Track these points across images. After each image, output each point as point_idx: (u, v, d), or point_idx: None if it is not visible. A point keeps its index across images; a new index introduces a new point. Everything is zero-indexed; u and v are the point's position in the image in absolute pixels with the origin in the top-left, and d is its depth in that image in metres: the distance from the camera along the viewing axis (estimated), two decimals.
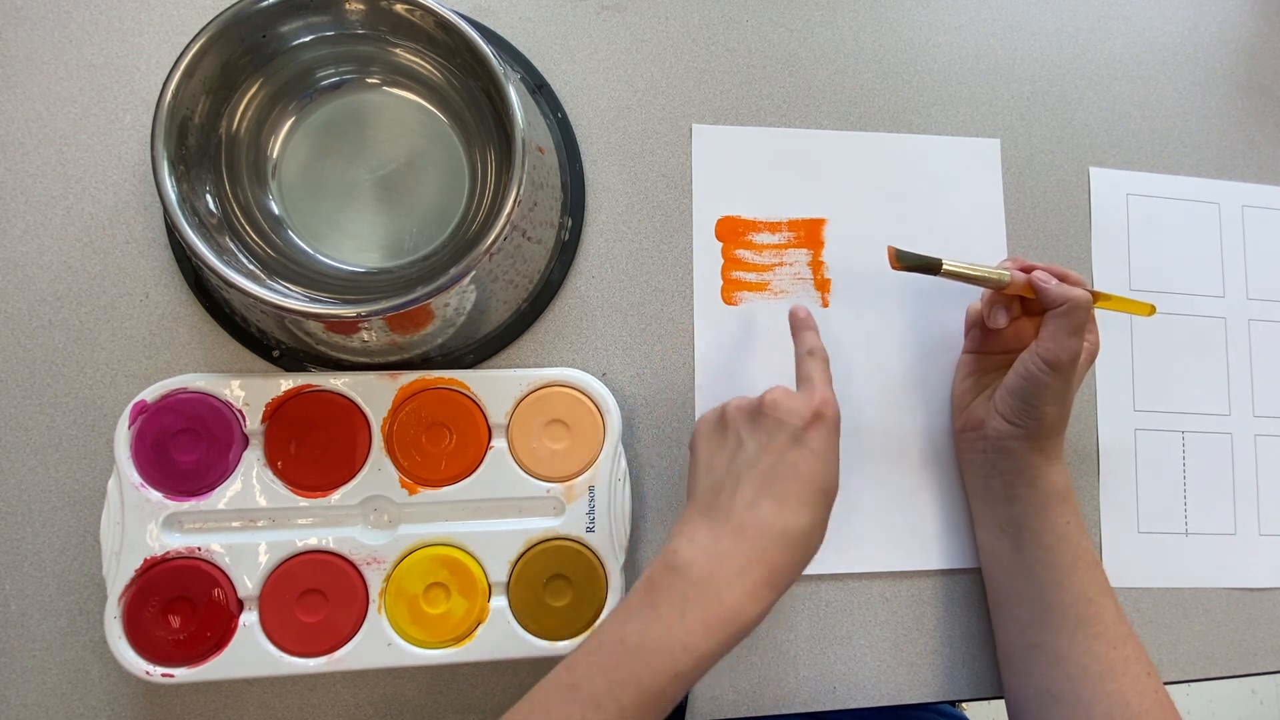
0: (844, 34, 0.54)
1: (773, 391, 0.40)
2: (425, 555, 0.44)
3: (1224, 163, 0.57)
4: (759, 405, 0.40)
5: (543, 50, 0.51)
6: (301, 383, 0.44)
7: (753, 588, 0.36)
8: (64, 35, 0.47)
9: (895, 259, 0.45)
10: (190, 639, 0.42)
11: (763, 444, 0.39)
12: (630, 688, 0.34)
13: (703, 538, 0.37)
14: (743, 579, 0.36)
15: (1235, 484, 0.54)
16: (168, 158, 0.39)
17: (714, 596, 0.35)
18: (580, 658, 0.36)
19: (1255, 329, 0.55)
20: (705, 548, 0.37)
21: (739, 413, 0.40)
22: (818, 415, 0.39)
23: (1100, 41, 0.57)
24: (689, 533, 0.38)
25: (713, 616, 0.35)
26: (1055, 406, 0.43)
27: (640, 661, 0.35)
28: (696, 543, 0.37)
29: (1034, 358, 0.43)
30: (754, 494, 0.38)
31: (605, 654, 0.36)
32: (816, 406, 0.39)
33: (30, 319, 0.46)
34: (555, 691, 0.36)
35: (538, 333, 0.49)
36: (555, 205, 0.47)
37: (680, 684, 0.35)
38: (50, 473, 0.45)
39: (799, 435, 0.38)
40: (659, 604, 0.36)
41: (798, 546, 0.37)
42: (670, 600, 0.36)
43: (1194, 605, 0.52)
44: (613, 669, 0.35)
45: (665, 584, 0.36)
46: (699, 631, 0.35)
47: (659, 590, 0.36)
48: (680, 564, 0.36)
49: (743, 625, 0.36)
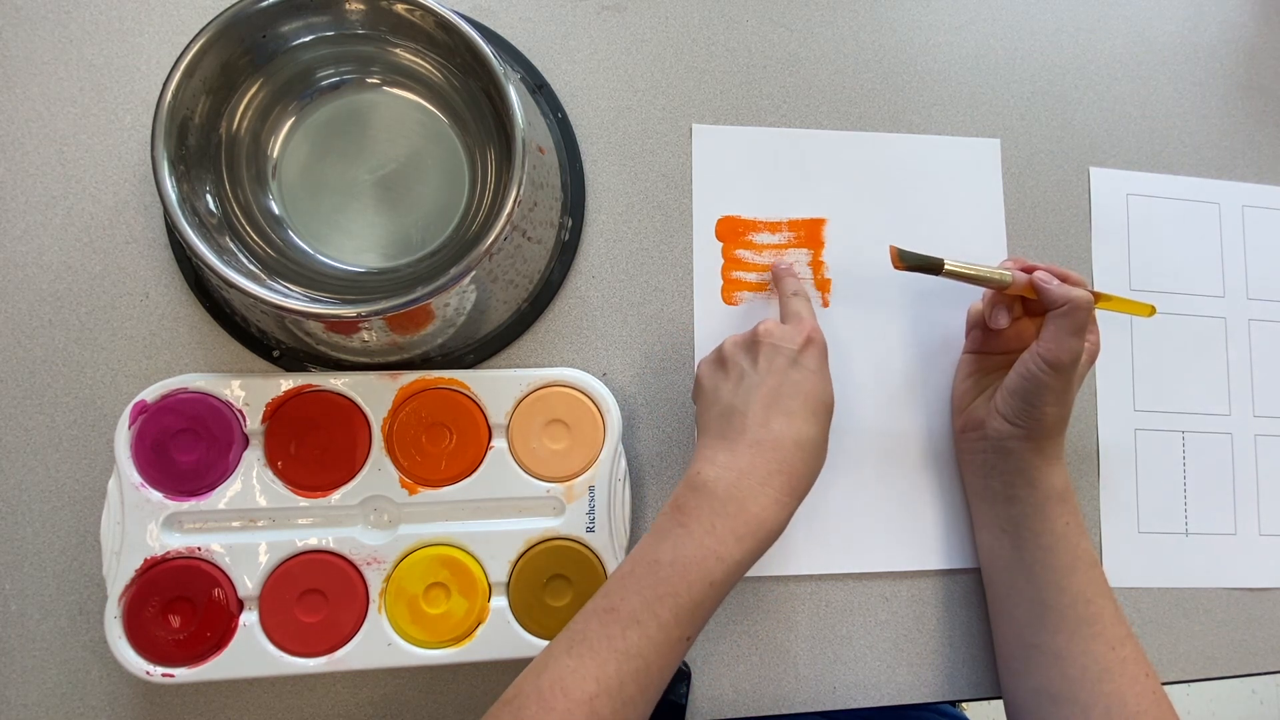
0: (844, 34, 0.54)
1: (764, 323, 0.43)
2: (425, 555, 0.44)
3: (1224, 163, 0.57)
4: (754, 336, 0.43)
5: (543, 50, 0.51)
6: (301, 383, 0.44)
7: (776, 495, 0.38)
8: (64, 35, 0.47)
9: (897, 259, 0.45)
10: (190, 639, 0.42)
11: (764, 369, 0.41)
12: (668, 602, 0.36)
13: (723, 458, 0.39)
14: (765, 488, 0.38)
15: (1235, 484, 0.54)
16: (168, 158, 0.39)
17: (740, 507, 0.38)
18: (615, 584, 0.38)
19: (1255, 329, 0.55)
20: (726, 465, 0.39)
21: (736, 346, 0.43)
22: (809, 340, 0.42)
23: (1100, 41, 0.57)
24: (708, 456, 0.40)
25: (741, 525, 0.37)
26: (1055, 407, 0.44)
27: (676, 576, 0.36)
28: (717, 463, 0.39)
29: (1035, 358, 0.43)
30: (765, 412, 0.40)
31: (639, 575, 0.37)
32: (808, 332, 0.42)
33: (30, 319, 0.46)
34: (594, 618, 0.37)
35: (538, 333, 0.49)
36: (555, 205, 0.47)
37: (716, 592, 0.37)
38: (50, 473, 0.45)
39: (795, 358, 0.41)
40: (688, 522, 0.38)
41: (810, 455, 0.40)
42: (699, 517, 0.38)
43: (1194, 605, 0.52)
44: (649, 587, 0.36)
45: (692, 503, 0.38)
46: (730, 540, 0.37)
47: (687, 510, 0.38)
48: (704, 483, 0.38)
49: (770, 531, 0.38)
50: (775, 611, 0.49)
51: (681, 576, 0.36)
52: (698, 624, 0.37)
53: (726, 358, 0.43)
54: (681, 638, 0.36)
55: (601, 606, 0.37)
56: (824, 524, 0.49)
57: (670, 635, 0.36)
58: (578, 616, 0.37)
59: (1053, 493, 0.44)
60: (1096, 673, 0.42)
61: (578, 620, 0.37)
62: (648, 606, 0.36)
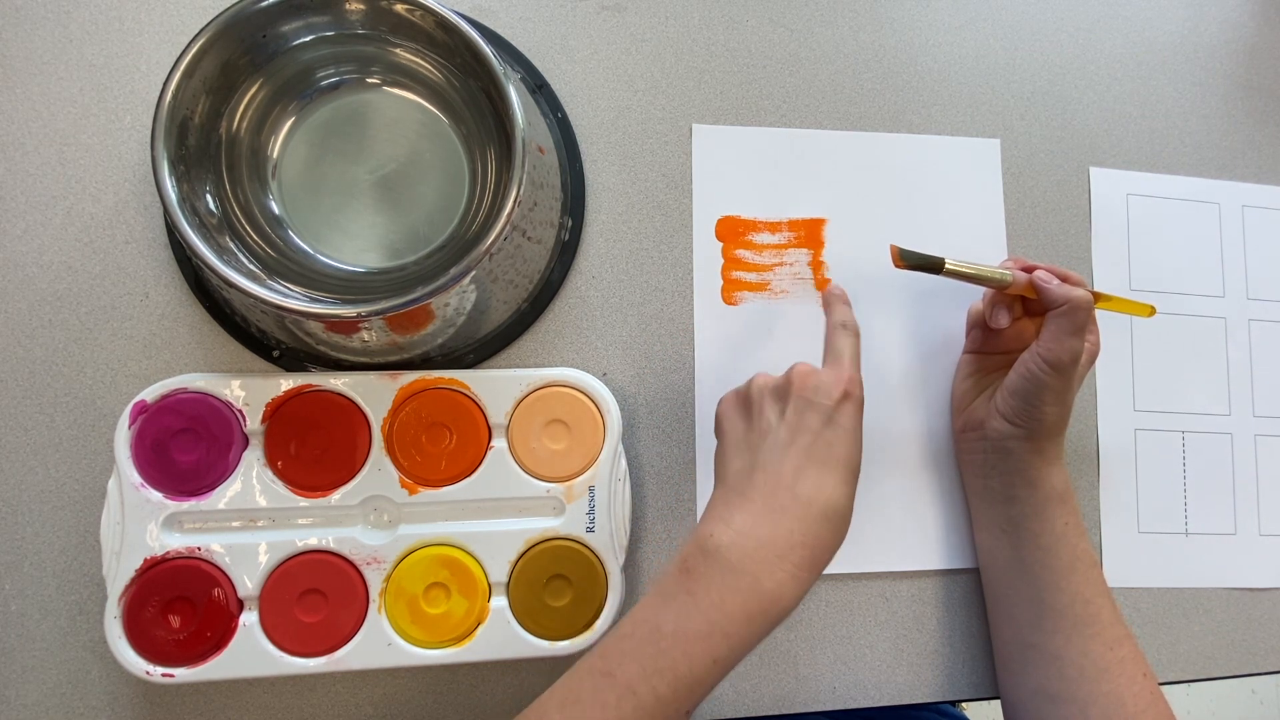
0: (844, 34, 0.54)
1: (799, 367, 0.39)
2: (425, 555, 0.44)
3: (1224, 163, 0.57)
4: (787, 382, 0.39)
5: (543, 50, 0.51)
6: (301, 383, 0.44)
7: (793, 571, 0.35)
8: (64, 35, 0.47)
9: (898, 258, 0.45)
10: (190, 639, 0.42)
11: (795, 425, 0.38)
12: (667, 675, 0.34)
13: (740, 520, 0.36)
14: (783, 562, 0.35)
15: (1235, 484, 0.54)
16: (168, 158, 0.39)
17: (754, 582, 0.34)
18: (614, 644, 0.35)
19: (1255, 329, 0.55)
20: (743, 530, 0.36)
21: (765, 392, 0.40)
22: (847, 394, 0.38)
23: (1100, 41, 0.57)
24: (724, 514, 0.37)
25: (753, 603, 0.34)
26: (1056, 407, 0.43)
27: (678, 649, 0.34)
28: (733, 525, 0.36)
29: (1035, 358, 0.43)
30: (793, 475, 0.37)
31: (640, 640, 0.35)
32: (845, 384, 0.38)
33: (30, 319, 0.46)
34: (588, 678, 0.35)
35: (538, 333, 0.49)
36: (555, 205, 0.47)
37: (719, 670, 0.34)
38: (50, 473, 0.45)
39: (831, 415, 0.38)
40: (696, 590, 0.35)
41: (837, 527, 0.37)
42: (708, 587, 0.35)
43: (1194, 605, 0.52)
44: (649, 657, 0.34)
45: (702, 569, 0.35)
46: (739, 619, 0.34)
47: (695, 575, 0.35)
48: (717, 547, 0.35)
49: (783, 610, 0.35)
50: None
51: (684, 650, 0.34)
52: (697, 699, 0.34)
53: (753, 402, 0.40)
54: (679, 713, 0.34)
55: (598, 668, 0.35)
56: None
57: (667, 710, 0.34)
58: (572, 671, 0.35)
59: (1052, 493, 0.44)
60: (1095, 673, 0.42)
61: (572, 676, 0.35)
62: (645, 678, 0.34)
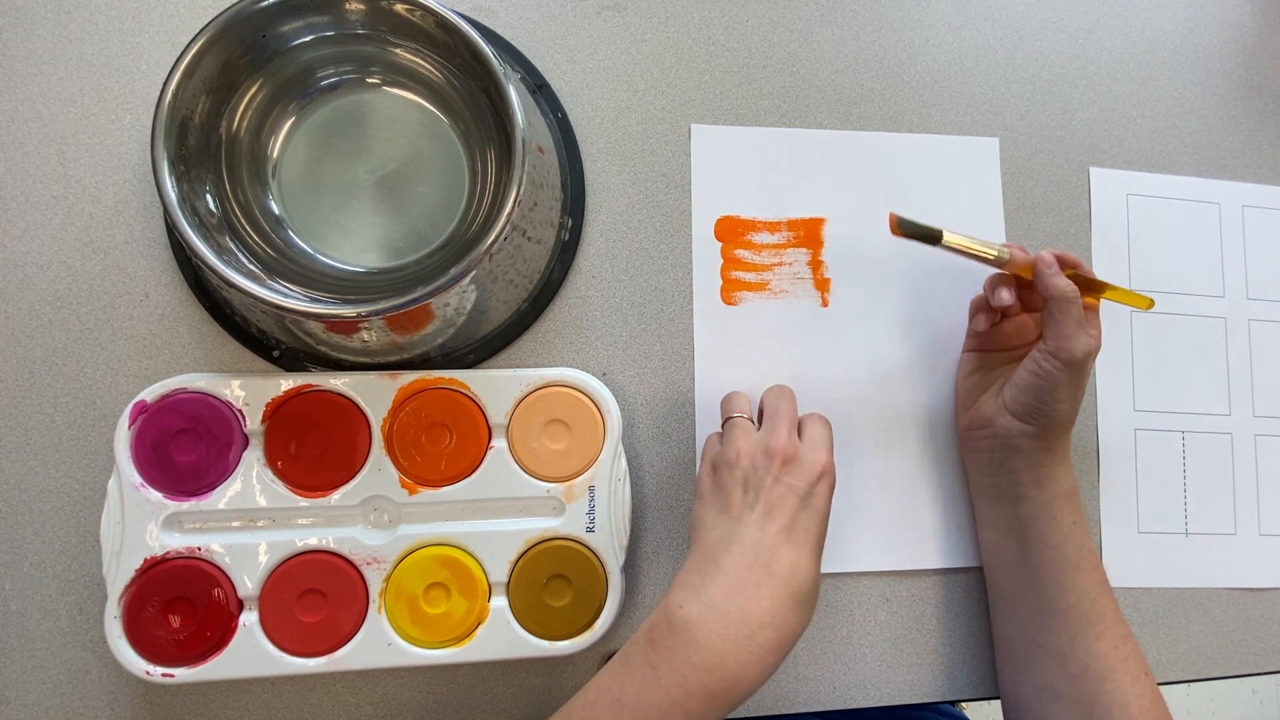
0: (844, 34, 0.54)
1: (779, 442, 0.40)
2: (425, 555, 0.44)
3: (1224, 163, 0.57)
4: (767, 457, 0.40)
5: (543, 50, 0.51)
6: (301, 383, 0.44)
7: (760, 653, 0.35)
8: (64, 35, 0.47)
9: (897, 226, 0.44)
10: (190, 639, 0.42)
11: (773, 504, 0.38)
12: None
13: (711, 591, 0.36)
14: (749, 644, 0.35)
15: (1235, 484, 0.54)
16: (168, 158, 0.39)
17: (718, 661, 0.34)
18: (577, 711, 0.35)
19: (1255, 329, 0.55)
20: (712, 604, 0.36)
21: (745, 462, 0.40)
22: (821, 476, 0.40)
23: (1100, 41, 0.57)
24: (696, 584, 0.37)
25: (716, 683, 0.34)
26: (1067, 404, 0.43)
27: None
28: (703, 597, 0.36)
29: (1046, 355, 0.43)
30: (769, 552, 0.37)
31: (601, 710, 0.35)
32: (822, 467, 0.40)
33: (30, 319, 0.46)
34: None
35: (538, 333, 0.49)
36: (555, 205, 0.47)
37: None
38: (50, 473, 0.45)
39: (807, 497, 0.39)
40: (659, 664, 0.35)
41: (806, 609, 0.37)
42: (671, 662, 0.34)
43: (1194, 605, 0.52)
44: None
45: (667, 642, 0.35)
46: (700, 697, 0.34)
47: (660, 649, 0.35)
48: (684, 622, 0.35)
49: (745, 692, 0.35)
50: None
51: None
52: None
53: (735, 470, 0.40)
54: None
55: None
56: None
57: None
58: None
59: (1060, 491, 0.44)
60: (1099, 671, 0.42)
61: None
62: None
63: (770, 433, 0.41)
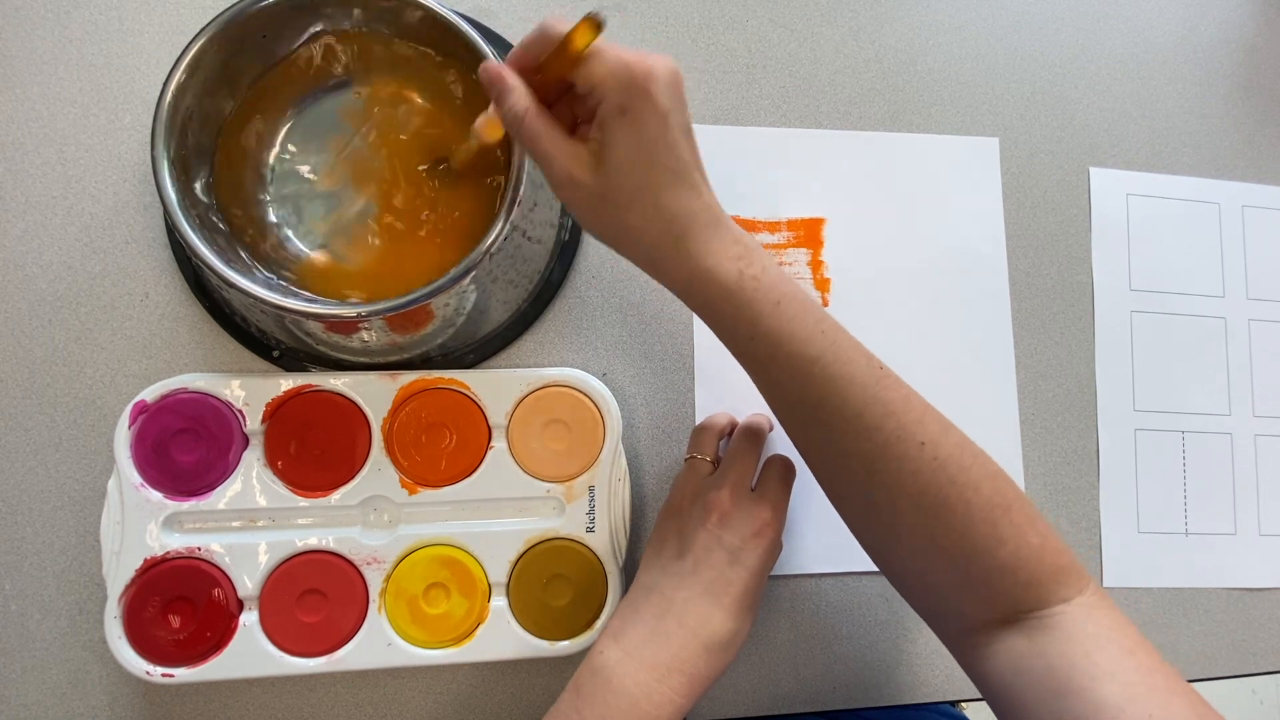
0: (844, 34, 0.54)
1: (718, 497, 0.40)
2: (425, 555, 0.44)
3: (1224, 163, 0.57)
4: (705, 510, 0.40)
5: None
6: (301, 383, 0.44)
7: (671, 695, 0.37)
8: (64, 35, 0.47)
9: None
10: (190, 639, 0.42)
11: (700, 559, 0.39)
12: None
13: (630, 636, 0.39)
14: (661, 685, 0.37)
15: (1235, 484, 0.54)
16: (168, 158, 0.39)
17: (633, 704, 0.37)
18: None
19: (1255, 329, 0.55)
20: (629, 649, 0.38)
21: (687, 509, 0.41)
22: (758, 534, 0.40)
23: (1100, 41, 0.57)
24: (616, 630, 0.39)
25: None
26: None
27: None
28: (623, 641, 0.38)
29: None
30: (683, 604, 0.39)
31: None
32: (760, 525, 0.40)
33: (30, 319, 0.46)
34: None
35: (538, 333, 0.49)
36: (555, 205, 0.47)
37: None
38: (50, 473, 0.45)
39: (737, 553, 0.39)
40: (584, 711, 0.37)
41: (718, 656, 0.39)
42: (594, 706, 0.37)
43: (1194, 605, 0.52)
44: None
45: (589, 689, 0.38)
46: None
47: (584, 696, 0.38)
48: (604, 666, 0.38)
49: None
50: (776, 611, 0.49)
51: None
52: None
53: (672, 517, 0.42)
54: None
55: None
56: (824, 523, 0.49)
57: None
58: None
59: (679, 287, 0.37)
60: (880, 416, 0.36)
61: None
62: None
63: (715, 485, 0.41)
